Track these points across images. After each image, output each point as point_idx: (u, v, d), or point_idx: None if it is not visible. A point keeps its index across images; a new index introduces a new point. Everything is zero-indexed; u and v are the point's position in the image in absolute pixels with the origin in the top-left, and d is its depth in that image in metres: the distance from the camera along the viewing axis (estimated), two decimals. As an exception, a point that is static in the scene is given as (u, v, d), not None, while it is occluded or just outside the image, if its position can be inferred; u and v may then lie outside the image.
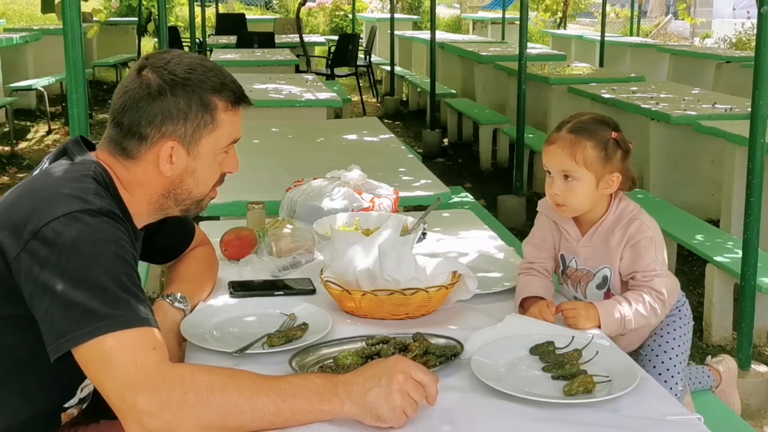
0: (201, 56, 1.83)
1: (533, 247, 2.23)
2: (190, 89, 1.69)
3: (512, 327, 1.89)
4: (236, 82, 1.78)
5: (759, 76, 3.41)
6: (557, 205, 2.12)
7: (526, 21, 6.32)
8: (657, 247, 2.08)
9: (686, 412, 1.58)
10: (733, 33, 16.42)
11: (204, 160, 1.74)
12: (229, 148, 1.79)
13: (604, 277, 2.13)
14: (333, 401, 1.46)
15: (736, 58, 8.79)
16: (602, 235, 2.12)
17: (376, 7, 21.32)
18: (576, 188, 2.07)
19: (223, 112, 1.73)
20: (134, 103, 1.69)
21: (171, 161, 1.71)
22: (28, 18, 17.70)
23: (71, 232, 1.50)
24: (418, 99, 11.22)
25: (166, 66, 1.70)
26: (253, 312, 2.00)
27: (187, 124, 1.69)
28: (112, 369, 1.42)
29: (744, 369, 3.54)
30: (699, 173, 5.87)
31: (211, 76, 1.72)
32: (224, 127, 1.74)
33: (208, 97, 1.70)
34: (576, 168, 2.06)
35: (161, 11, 6.73)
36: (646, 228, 2.08)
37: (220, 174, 1.81)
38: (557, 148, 2.08)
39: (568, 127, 2.10)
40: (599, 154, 2.06)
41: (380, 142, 4.52)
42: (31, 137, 9.10)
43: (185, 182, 1.75)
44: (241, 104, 1.77)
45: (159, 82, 1.68)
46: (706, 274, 4.22)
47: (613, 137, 2.09)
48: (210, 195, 1.83)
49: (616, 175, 2.09)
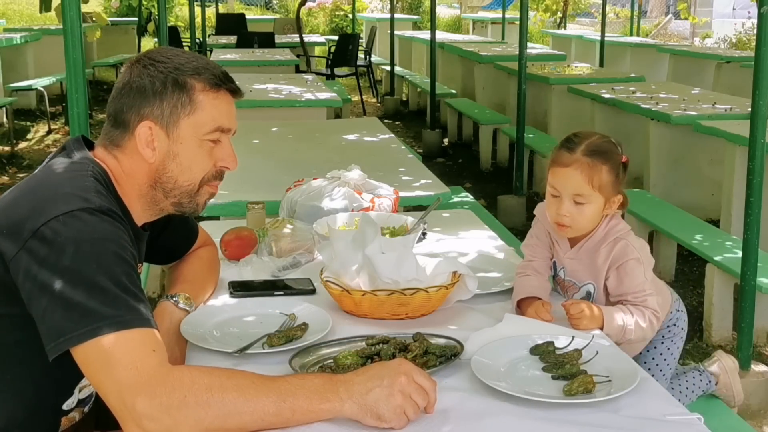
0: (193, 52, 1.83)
1: (529, 248, 2.23)
2: (166, 70, 1.69)
3: (512, 327, 1.89)
4: (221, 69, 1.76)
5: (759, 76, 3.41)
6: (560, 226, 2.08)
7: (526, 21, 6.32)
8: (645, 268, 2.06)
9: (686, 412, 1.58)
10: (733, 33, 16.42)
11: (186, 144, 1.71)
12: (217, 136, 1.74)
13: (588, 292, 2.13)
14: (333, 400, 1.46)
15: (736, 58, 8.79)
16: (588, 251, 2.11)
17: (376, 7, 21.32)
18: (586, 211, 2.04)
19: (201, 93, 1.71)
20: (117, 92, 1.71)
21: (152, 146, 1.70)
22: (28, 18, 17.69)
23: (71, 231, 1.49)
24: (418, 99, 11.22)
25: (149, 56, 1.73)
26: (253, 312, 1.99)
27: (164, 104, 1.69)
28: (112, 370, 1.42)
29: (744, 369, 3.54)
30: (699, 173, 5.87)
31: (191, 60, 1.73)
32: (205, 109, 1.71)
33: (183, 78, 1.70)
34: (591, 192, 2.03)
35: (161, 11, 6.73)
36: (632, 249, 2.06)
37: (214, 166, 1.77)
38: (573, 171, 2.03)
39: (583, 150, 2.04)
40: (613, 178, 2.04)
41: (380, 142, 4.52)
42: (31, 137, 9.10)
43: (168, 168, 1.72)
44: (223, 87, 1.74)
45: (139, 70, 1.70)
46: (706, 274, 4.22)
47: (624, 161, 2.08)
48: (208, 191, 1.79)
49: (619, 197, 2.08)
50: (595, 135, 2.11)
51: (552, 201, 2.08)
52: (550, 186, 2.09)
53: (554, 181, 2.07)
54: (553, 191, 2.08)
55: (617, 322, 1.97)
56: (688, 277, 5.10)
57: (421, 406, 1.49)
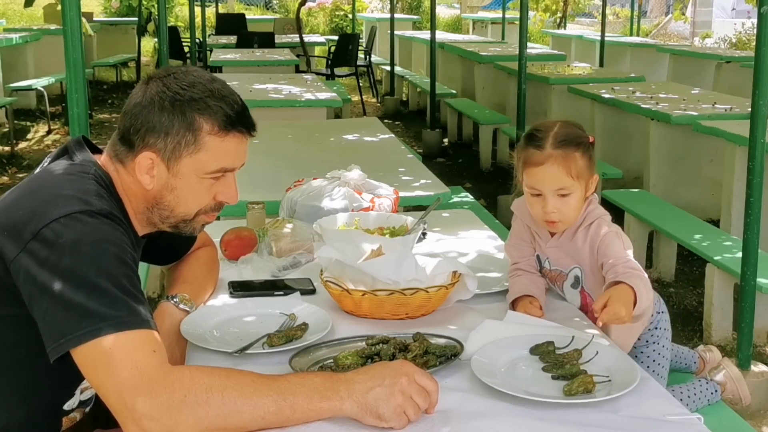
0: (213, 76, 1.75)
1: (513, 248, 2.23)
2: (177, 105, 1.65)
3: (512, 326, 1.89)
4: (238, 105, 1.70)
5: (759, 76, 3.41)
6: (551, 223, 2.07)
7: (526, 21, 6.32)
8: (624, 242, 2.04)
9: (686, 412, 1.58)
10: (733, 33, 16.42)
11: (185, 180, 1.69)
12: (220, 174, 1.72)
13: (576, 277, 2.12)
14: (333, 399, 1.46)
15: (736, 58, 8.79)
16: (568, 236, 2.11)
17: (376, 7, 21.31)
18: (571, 202, 2.04)
19: (209, 135, 1.67)
20: (130, 109, 1.69)
21: (151, 174, 1.69)
22: (28, 18, 17.68)
23: (71, 233, 1.49)
24: (418, 99, 11.22)
25: (171, 77, 1.69)
26: (253, 312, 2.00)
27: (168, 139, 1.66)
28: (112, 371, 1.42)
29: (744, 369, 3.54)
30: (699, 173, 5.87)
31: (206, 96, 1.67)
32: (210, 151, 1.67)
33: (192, 116, 1.65)
34: (572, 183, 2.02)
35: (161, 11, 6.73)
36: (608, 226, 2.06)
37: (213, 199, 1.75)
38: (550, 167, 2.01)
39: (552, 143, 2.02)
40: (586, 162, 2.04)
41: (380, 142, 4.52)
42: (31, 137, 9.09)
43: (165, 199, 1.72)
44: (234, 130, 1.69)
45: (153, 93, 1.67)
46: (706, 274, 4.22)
47: (590, 141, 2.08)
48: (204, 219, 1.78)
49: (595, 177, 2.08)
50: (556, 124, 2.09)
51: (534, 200, 2.06)
52: (528, 187, 2.07)
53: (532, 182, 2.05)
54: (533, 191, 2.06)
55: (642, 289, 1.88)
56: (688, 277, 5.10)
57: (423, 408, 1.48)
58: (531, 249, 2.20)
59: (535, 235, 2.18)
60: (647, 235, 5.02)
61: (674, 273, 5.10)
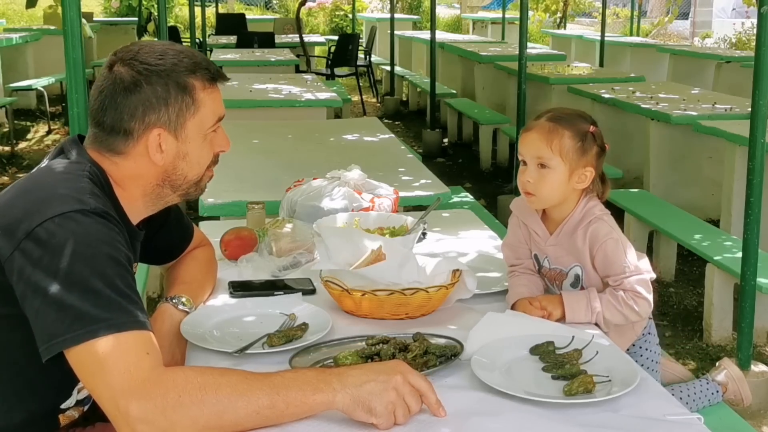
0: (169, 41, 1.83)
1: (509, 248, 2.23)
2: (165, 74, 1.68)
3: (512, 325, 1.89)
4: (208, 60, 1.78)
5: (759, 76, 3.41)
6: (527, 194, 2.10)
7: (526, 21, 6.32)
8: (624, 249, 2.05)
9: (686, 412, 1.58)
10: (733, 33, 16.41)
11: (193, 142, 1.74)
12: (217, 126, 1.78)
13: (576, 275, 2.13)
14: (326, 390, 1.45)
15: (736, 58, 8.79)
16: (568, 234, 2.11)
17: (376, 7, 21.30)
18: (548, 177, 2.06)
19: (202, 91, 1.72)
20: (112, 100, 1.68)
21: (161, 150, 1.71)
22: (28, 18, 17.68)
23: (65, 232, 1.49)
24: (418, 99, 11.21)
25: (136, 57, 1.70)
26: (253, 312, 2.00)
27: (169, 109, 1.69)
28: (105, 374, 1.41)
29: (744, 369, 3.54)
30: (699, 173, 5.87)
31: (182, 58, 1.72)
32: (206, 106, 1.73)
33: (184, 79, 1.70)
34: (551, 156, 2.05)
35: (161, 11, 6.73)
36: (610, 229, 2.06)
37: (213, 154, 1.81)
38: (534, 134, 2.07)
39: (547, 116, 2.10)
40: (576, 145, 2.06)
41: (380, 142, 4.52)
42: (31, 137, 9.09)
43: (179, 167, 1.74)
44: (218, 80, 1.77)
45: (132, 74, 1.68)
46: (706, 274, 4.22)
47: (591, 131, 2.09)
48: (208, 175, 1.83)
49: (589, 169, 2.08)
50: (569, 109, 2.16)
51: (521, 169, 2.12)
52: (518, 154, 2.14)
53: (520, 147, 2.12)
54: (521, 158, 2.12)
55: (581, 302, 2.01)
56: (688, 277, 5.10)
57: (413, 411, 1.48)
58: (527, 250, 2.20)
59: (532, 233, 2.18)
60: (647, 235, 5.02)
61: (674, 273, 5.10)
